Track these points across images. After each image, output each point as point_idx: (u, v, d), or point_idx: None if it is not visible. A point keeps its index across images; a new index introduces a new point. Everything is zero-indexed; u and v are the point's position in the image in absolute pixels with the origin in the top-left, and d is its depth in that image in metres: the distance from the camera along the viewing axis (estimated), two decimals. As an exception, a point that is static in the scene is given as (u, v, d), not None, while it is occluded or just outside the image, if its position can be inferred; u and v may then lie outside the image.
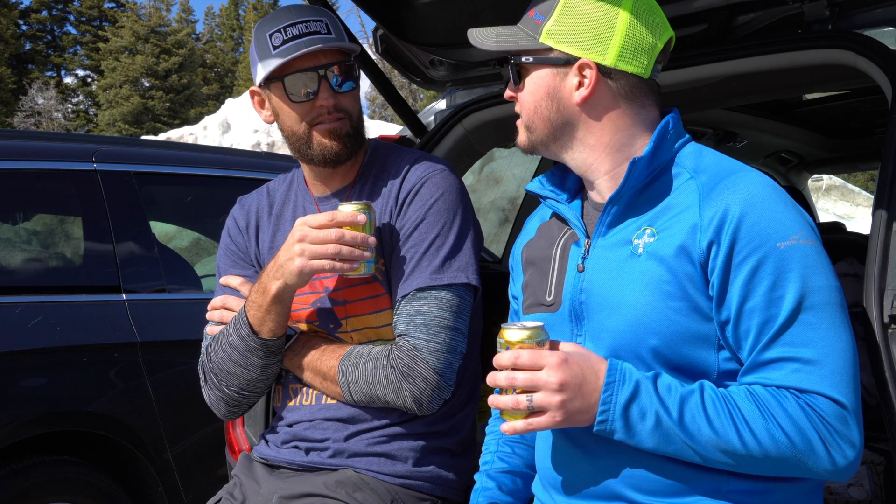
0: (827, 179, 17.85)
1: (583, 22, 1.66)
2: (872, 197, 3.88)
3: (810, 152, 4.29)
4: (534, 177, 4.06)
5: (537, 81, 1.70)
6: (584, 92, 1.66)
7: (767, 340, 1.51)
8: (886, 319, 1.69)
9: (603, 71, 1.66)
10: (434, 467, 2.05)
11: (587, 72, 1.66)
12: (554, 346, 1.56)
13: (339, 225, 1.92)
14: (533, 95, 1.70)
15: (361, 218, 1.92)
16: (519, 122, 1.76)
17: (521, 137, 1.76)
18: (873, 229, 1.80)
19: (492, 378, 1.55)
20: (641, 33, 1.67)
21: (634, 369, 1.54)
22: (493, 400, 1.56)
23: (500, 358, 1.54)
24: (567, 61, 1.67)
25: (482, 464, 1.89)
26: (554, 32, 1.67)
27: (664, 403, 1.50)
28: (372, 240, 1.94)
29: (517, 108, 1.76)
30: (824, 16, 2.18)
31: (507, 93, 1.77)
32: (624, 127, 1.69)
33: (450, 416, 2.09)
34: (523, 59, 1.70)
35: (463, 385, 2.11)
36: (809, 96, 3.83)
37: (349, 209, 1.93)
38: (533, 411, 1.52)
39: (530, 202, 4.04)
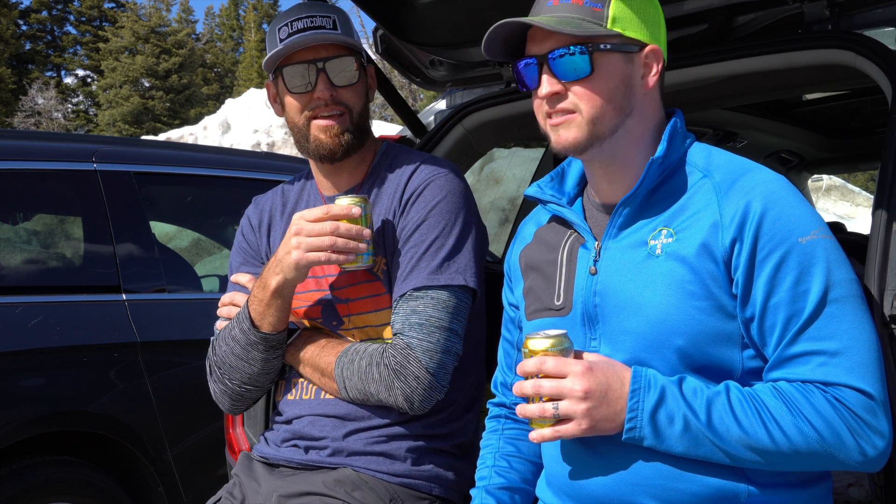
0: (827, 179, 17.85)
1: (641, 8, 1.66)
2: (872, 197, 3.87)
3: (810, 152, 4.29)
4: (534, 177, 4.07)
5: (611, 69, 1.63)
6: (653, 78, 1.66)
7: (793, 335, 1.51)
8: (887, 319, 1.69)
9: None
10: (433, 466, 2.05)
11: (651, 57, 1.65)
12: (578, 356, 1.56)
13: (335, 217, 1.93)
14: (608, 84, 1.62)
15: (356, 210, 1.95)
16: (571, 119, 1.62)
17: (576, 134, 1.62)
18: (873, 229, 1.80)
19: (518, 387, 1.57)
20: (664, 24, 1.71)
21: (659, 375, 1.54)
22: (520, 409, 1.57)
23: (525, 365, 1.54)
24: (640, 48, 1.65)
25: (479, 479, 1.87)
26: (620, 18, 1.63)
27: (691, 406, 1.50)
28: (367, 232, 1.95)
29: (570, 103, 1.62)
30: (824, 16, 2.18)
31: (553, 88, 1.61)
32: (655, 120, 1.69)
33: (450, 422, 2.09)
34: (602, 47, 1.62)
35: (464, 392, 2.11)
36: (809, 96, 3.83)
37: (344, 202, 1.96)
38: (559, 419, 1.53)
39: (530, 203, 4.04)
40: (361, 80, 2.12)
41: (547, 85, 1.63)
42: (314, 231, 1.94)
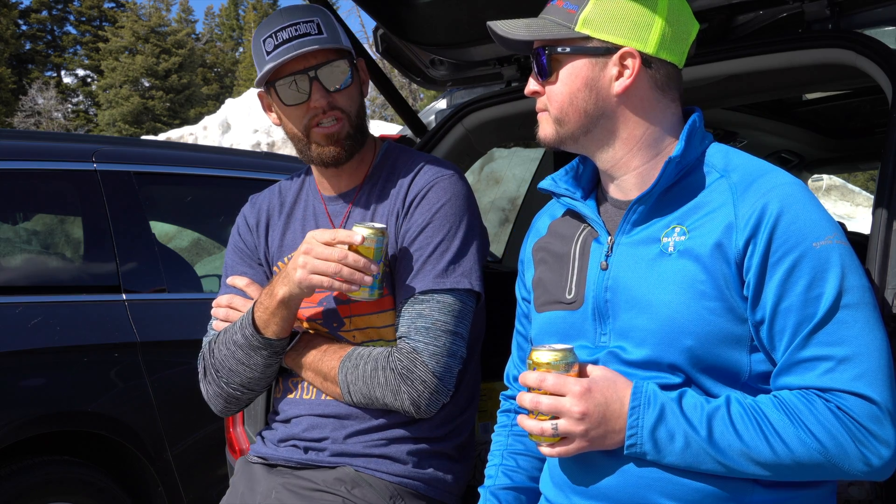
0: (827, 179, 17.86)
1: (622, 9, 1.62)
2: (872, 197, 3.87)
3: (810, 152, 4.28)
4: (534, 178, 4.06)
5: (573, 72, 1.64)
6: (625, 81, 1.62)
7: (802, 339, 1.49)
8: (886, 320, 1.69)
9: (644, 60, 1.62)
10: (433, 470, 2.05)
11: (629, 61, 1.62)
12: (582, 370, 1.56)
13: (346, 244, 1.92)
14: (569, 87, 1.64)
15: (369, 244, 1.91)
16: (543, 116, 1.71)
17: (547, 131, 1.70)
18: (873, 229, 1.80)
19: (519, 398, 1.58)
20: (679, 20, 1.64)
21: (660, 391, 1.53)
22: (520, 420, 1.59)
23: (527, 377, 1.55)
24: (607, 50, 1.62)
25: (487, 477, 1.87)
26: (592, 21, 1.62)
27: (691, 423, 1.50)
28: (374, 267, 1.92)
29: (542, 102, 1.70)
30: (824, 15, 2.18)
31: (531, 87, 1.71)
32: (657, 120, 1.66)
33: (448, 422, 2.09)
34: (559, 50, 1.64)
35: (462, 390, 2.10)
36: (809, 96, 3.83)
37: (361, 233, 1.92)
38: (559, 437, 1.54)
39: (530, 202, 4.04)
40: (355, 81, 2.10)
41: (529, 84, 1.72)
42: (322, 255, 1.92)
